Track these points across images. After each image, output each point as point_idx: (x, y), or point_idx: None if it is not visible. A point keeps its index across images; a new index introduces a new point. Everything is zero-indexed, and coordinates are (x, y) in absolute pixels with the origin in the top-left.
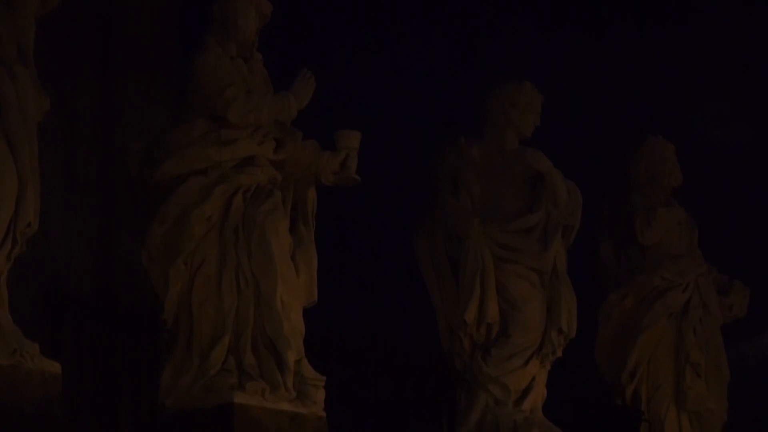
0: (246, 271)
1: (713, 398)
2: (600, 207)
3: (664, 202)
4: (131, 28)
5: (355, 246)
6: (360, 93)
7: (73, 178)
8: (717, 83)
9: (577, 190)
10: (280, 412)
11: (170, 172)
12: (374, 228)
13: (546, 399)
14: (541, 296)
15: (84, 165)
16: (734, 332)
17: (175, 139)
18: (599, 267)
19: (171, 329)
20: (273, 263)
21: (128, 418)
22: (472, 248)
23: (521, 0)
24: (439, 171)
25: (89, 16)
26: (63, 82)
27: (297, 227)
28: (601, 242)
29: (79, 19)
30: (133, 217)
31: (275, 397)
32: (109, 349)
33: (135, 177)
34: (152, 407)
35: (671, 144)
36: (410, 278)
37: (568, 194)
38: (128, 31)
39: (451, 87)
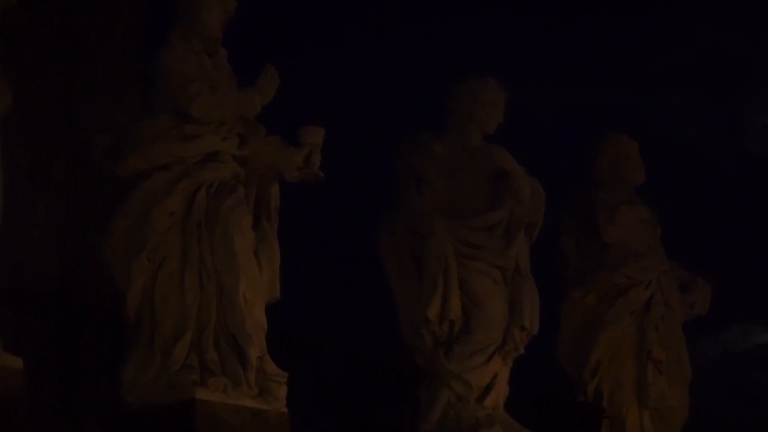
0: (209, 266)
1: (675, 395)
2: (563, 204)
3: (627, 199)
4: (95, 22)
5: (318, 242)
6: (324, 89)
7: (37, 173)
8: (680, 81)
9: (540, 187)
10: (242, 408)
11: (134, 167)
12: (337, 224)
13: (508, 396)
14: (503, 293)
15: (47, 160)
16: (696, 329)
17: (139, 134)
18: (562, 264)
19: (133, 324)
20: (236, 259)
21: (90, 414)
22: (435, 245)
23: None
24: (402, 167)
25: (53, 10)
26: (27, 76)
27: (260, 223)
28: (564, 240)
29: (43, 14)
30: (96, 211)
31: (237, 393)
32: (71, 345)
33: (99, 172)
34: (114, 402)
35: (634, 141)
36: (373, 274)
37: (532, 192)
38: (92, 26)
39: (415, 84)
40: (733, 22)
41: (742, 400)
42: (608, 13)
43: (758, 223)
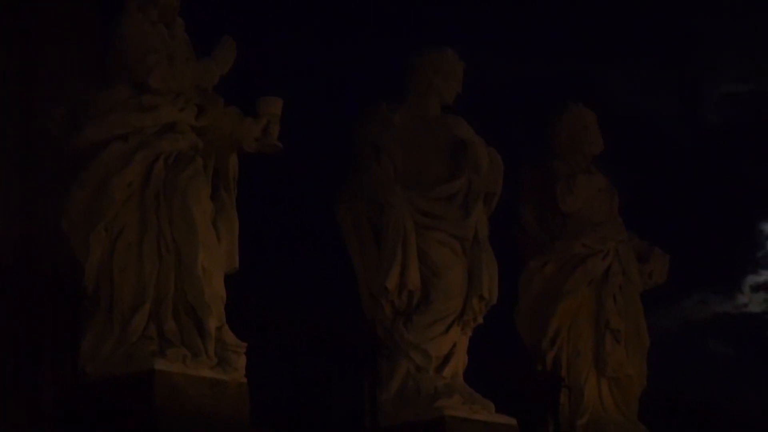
0: (167, 237)
1: (632, 364)
2: (521, 174)
3: (585, 169)
4: None
5: (276, 212)
6: (282, 59)
7: None
8: (638, 52)
9: (498, 157)
10: (201, 379)
11: (91, 137)
12: (296, 194)
13: (467, 365)
14: (462, 263)
15: (4, 130)
16: (654, 299)
17: (96, 105)
18: (520, 234)
19: (91, 296)
20: (194, 230)
21: (48, 385)
22: (394, 215)
23: None
24: (361, 137)
25: None
26: None
27: (218, 194)
28: (523, 209)
29: None
30: (53, 182)
31: (196, 364)
32: (28, 316)
33: (56, 142)
34: (72, 374)
35: (592, 112)
36: (332, 245)
37: (490, 161)
38: None
39: (374, 54)
40: None
41: (701, 369)
42: None
43: (716, 193)
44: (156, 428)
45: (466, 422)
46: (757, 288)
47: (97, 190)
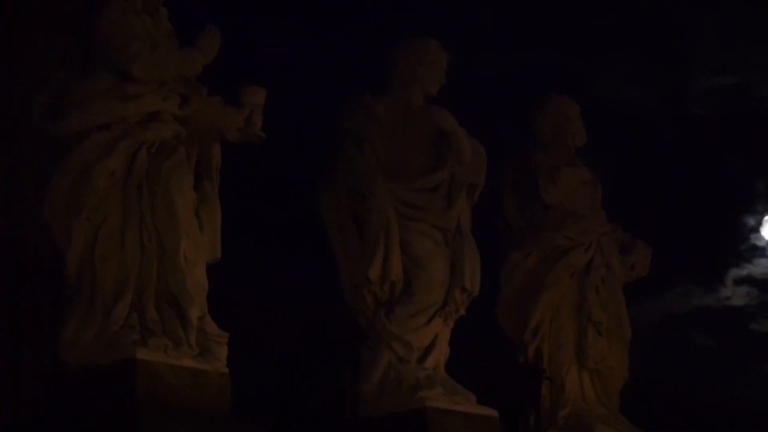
0: (149, 226)
1: (614, 356)
2: (504, 166)
3: (568, 161)
4: None
5: (259, 202)
6: (265, 49)
7: None
8: (622, 44)
9: (481, 148)
10: (183, 369)
11: (74, 126)
12: (278, 185)
13: (449, 357)
14: (444, 254)
15: None
16: (637, 291)
17: (79, 93)
18: (503, 225)
19: (73, 284)
20: (177, 219)
21: (29, 374)
22: (376, 205)
23: None
24: (345, 128)
25: None
26: None
27: (201, 183)
28: (505, 201)
29: None
30: (35, 171)
31: (178, 354)
32: (10, 304)
33: (38, 131)
34: (54, 363)
35: (575, 104)
36: (314, 235)
37: (473, 153)
38: None
39: (358, 44)
40: None
41: (683, 362)
42: None
43: (699, 186)
44: (137, 418)
45: (447, 413)
46: (740, 281)
47: (79, 179)
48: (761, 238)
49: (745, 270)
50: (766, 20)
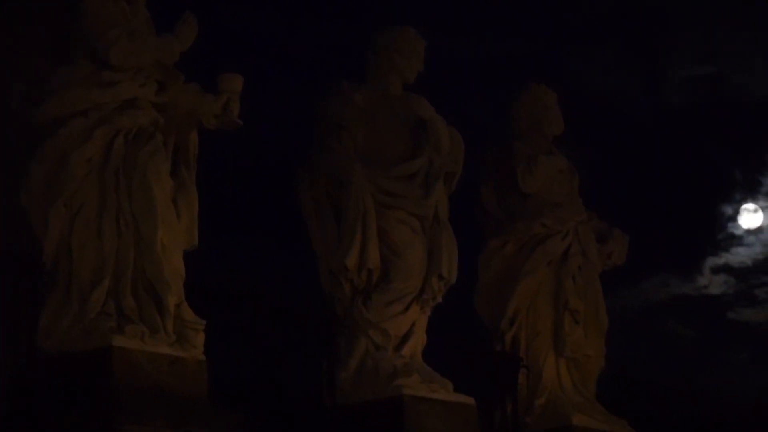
0: (126, 214)
1: (591, 345)
2: (482, 154)
3: (546, 149)
4: None
5: (236, 190)
6: (243, 36)
7: None
8: (601, 32)
9: (459, 136)
10: (160, 356)
11: (51, 112)
12: (256, 172)
13: (426, 344)
14: (422, 242)
15: None
16: (614, 280)
17: (57, 80)
18: (481, 214)
19: (50, 271)
20: (154, 206)
21: (6, 361)
22: (354, 193)
23: None
24: (323, 115)
25: None
26: None
27: (178, 170)
28: (483, 189)
29: None
30: (12, 157)
31: (155, 341)
32: None
33: (16, 117)
34: (30, 350)
35: (553, 92)
36: (292, 222)
37: (451, 141)
38: None
39: (336, 32)
40: None
41: (660, 350)
42: None
43: (677, 175)
44: (114, 405)
45: (424, 401)
46: (717, 270)
47: (56, 166)
48: (738, 227)
49: (723, 259)
50: (744, 10)
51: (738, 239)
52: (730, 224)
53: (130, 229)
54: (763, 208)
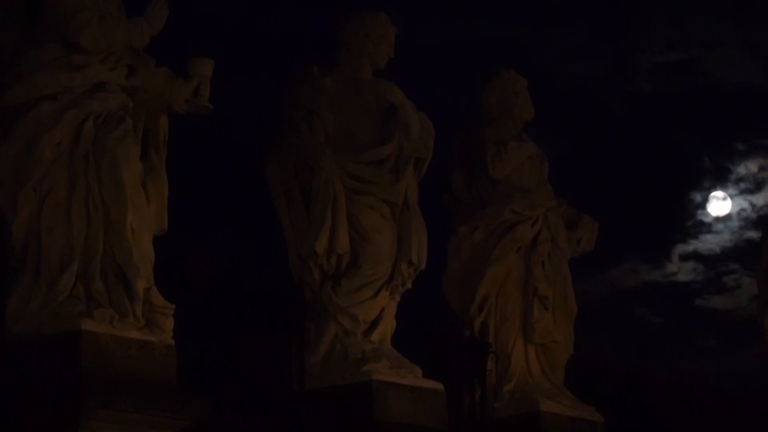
0: (96, 197)
1: (560, 331)
2: (452, 140)
3: (516, 135)
4: None
5: (206, 174)
6: (214, 21)
7: None
8: (571, 19)
9: (429, 122)
10: (129, 340)
11: (20, 96)
12: (226, 156)
13: (395, 330)
14: (391, 228)
15: None
16: (583, 266)
17: (26, 63)
18: (450, 199)
19: (19, 255)
20: (123, 190)
21: None
22: (324, 179)
23: None
24: (293, 100)
25: None
26: None
27: (148, 155)
28: (453, 175)
29: None
30: None
31: (123, 325)
32: None
33: None
34: None
35: (523, 78)
36: (262, 207)
37: (421, 126)
38: None
39: (306, 17)
40: None
41: (628, 337)
42: None
43: (647, 162)
44: (82, 389)
45: (393, 387)
46: (686, 257)
47: (25, 149)
48: (707, 214)
49: (692, 246)
50: None
51: (707, 227)
52: (699, 212)
53: (100, 213)
54: (731, 196)
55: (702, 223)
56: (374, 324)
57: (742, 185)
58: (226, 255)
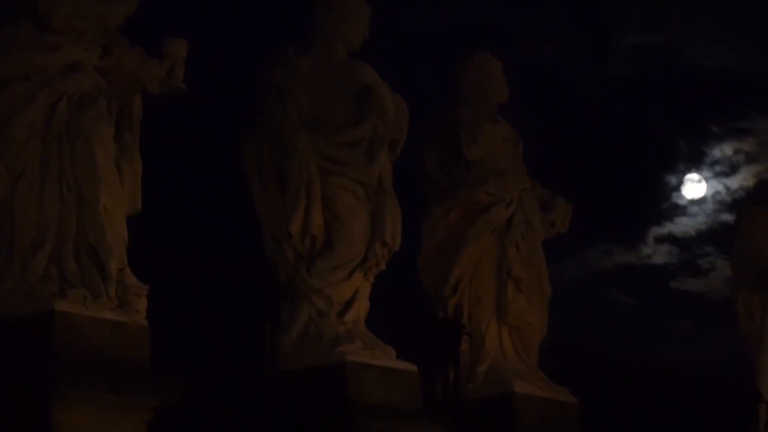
0: (69, 178)
1: (534, 313)
2: (427, 121)
3: (490, 117)
4: None
5: (180, 155)
6: (189, 1)
7: None
8: (547, 1)
9: (404, 103)
10: (102, 321)
11: None
12: (200, 137)
13: (369, 311)
14: (366, 209)
15: None
16: (557, 248)
17: None
18: (425, 181)
19: None
20: (97, 171)
21: None
22: (298, 160)
23: None
24: (267, 81)
25: None
26: None
27: (122, 135)
28: (427, 156)
29: None
30: None
31: (97, 306)
32: None
33: None
34: None
35: (498, 60)
36: (236, 188)
37: (395, 108)
38: None
39: None
40: None
41: (603, 319)
42: None
43: (622, 144)
44: (55, 370)
45: (366, 368)
46: (661, 240)
47: None
48: (682, 197)
49: (666, 228)
50: None
51: (682, 209)
52: (674, 194)
53: (73, 194)
54: (706, 179)
55: (677, 206)
56: (348, 305)
57: (717, 168)
58: (200, 235)
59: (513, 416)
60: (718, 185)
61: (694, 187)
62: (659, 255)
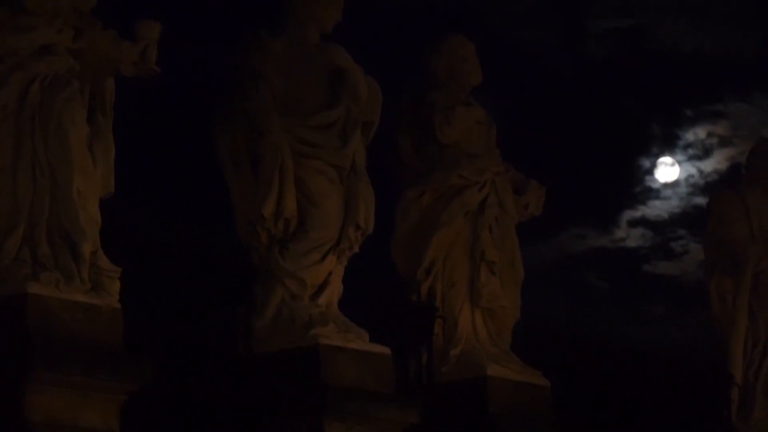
0: (42, 160)
1: (507, 296)
2: (400, 104)
3: (464, 100)
4: None
5: (153, 137)
6: None
7: None
8: None
9: (377, 86)
10: (75, 303)
11: None
12: (173, 120)
13: (342, 294)
14: (339, 192)
15: None
16: (531, 231)
17: None
18: (398, 164)
19: None
20: (70, 153)
21: None
22: (272, 142)
23: None
24: (240, 64)
25: None
26: None
27: (95, 117)
28: (401, 139)
29: None
30: None
31: (70, 288)
32: None
33: None
34: None
35: (472, 43)
36: (209, 171)
37: (369, 91)
38: None
39: None
40: None
41: (576, 302)
42: None
43: (595, 127)
44: (28, 352)
45: (340, 351)
46: (634, 223)
47: None
48: (655, 180)
49: (640, 212)
50: None
51: (655, 192)
52: (647, 177)
53: (46, 176)
54: (679, 162)
55: (650, 189)
56: (321, 288)
57: (691, 151)
58: (173, 218)
59: (486, 399)
60: (692, 169)
61: (668, 170)
62: (632, 238)
